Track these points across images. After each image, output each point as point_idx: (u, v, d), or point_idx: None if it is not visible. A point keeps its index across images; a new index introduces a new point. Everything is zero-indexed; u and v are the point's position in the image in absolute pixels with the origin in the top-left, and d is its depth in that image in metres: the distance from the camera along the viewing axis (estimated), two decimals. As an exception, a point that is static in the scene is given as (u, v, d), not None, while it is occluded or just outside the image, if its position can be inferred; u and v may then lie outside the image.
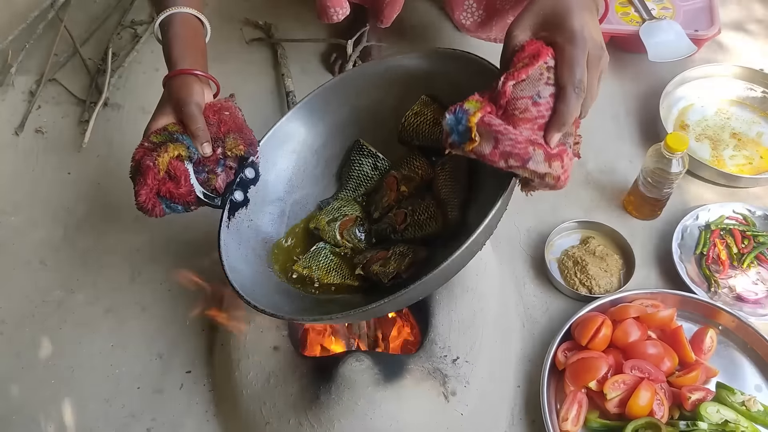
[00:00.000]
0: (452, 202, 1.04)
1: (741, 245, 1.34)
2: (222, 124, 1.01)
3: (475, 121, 0.77)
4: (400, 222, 1.06)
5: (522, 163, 0.76)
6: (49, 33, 1.82)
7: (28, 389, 1.25)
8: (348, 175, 1.15)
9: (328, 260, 1.07)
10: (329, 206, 1.14)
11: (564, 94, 0.76)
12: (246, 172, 1.07)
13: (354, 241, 1.10)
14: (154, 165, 0.93)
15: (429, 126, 1.09)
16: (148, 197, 0.94)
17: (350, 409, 1.04)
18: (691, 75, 1.61)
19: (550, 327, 1.27)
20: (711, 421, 1.10)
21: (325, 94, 1.15)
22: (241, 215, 1.07)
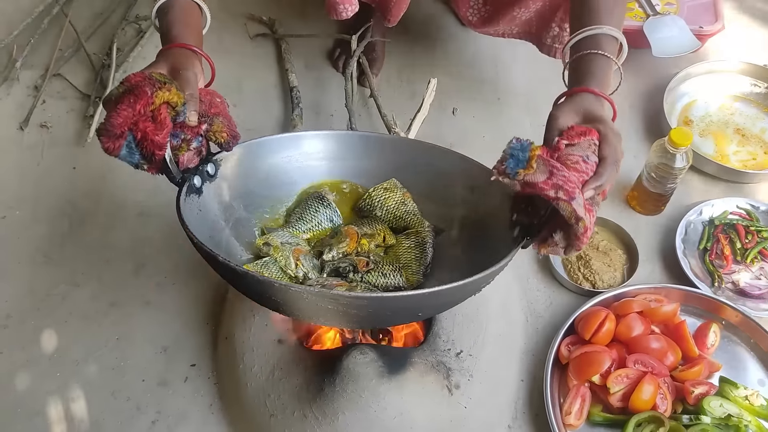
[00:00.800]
0: (413, 268, 1.07)
1: (744, 240, 1.34)
2: (213, 106, 0.97)
3: (536, 152, 0.86)
4: (363, 266, 1.05)
5: (569, 198, 0.82)
6: (54, 28, 1.83)
7: (33, 382, 1.25)
8: (300, 217, 1.12)
9: (278, 275, 1.03)
10: (277, 230, 1.10)
11: (606, 163, 0.88)
12: (208, 166, 1.02)
13: (306, 268, 1.05)
14: (151, 95, 0.85)
15: (396, 203, 1.13)
16: (126, 122, 0.84)
17: (354, 402, 1.05)
18: (695, 71, 1.62)
19: (553, 321, 1.28)
20: (714, 415, 1.10)
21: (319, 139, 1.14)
22: (192, 200, 0.99)
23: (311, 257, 1.08)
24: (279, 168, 1.13)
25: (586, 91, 0.94)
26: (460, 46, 1.77)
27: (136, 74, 0.88)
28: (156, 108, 0.86)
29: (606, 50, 0.98)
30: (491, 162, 0.91)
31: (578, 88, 0.95)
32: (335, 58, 1.73)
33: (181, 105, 0.89)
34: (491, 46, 1.75)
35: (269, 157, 1.12)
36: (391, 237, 1.12)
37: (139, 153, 0.88)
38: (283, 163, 1.13)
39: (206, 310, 1.32)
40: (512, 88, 1.68)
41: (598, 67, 0.97)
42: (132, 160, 0.89)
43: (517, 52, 1.73)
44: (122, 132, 0.84)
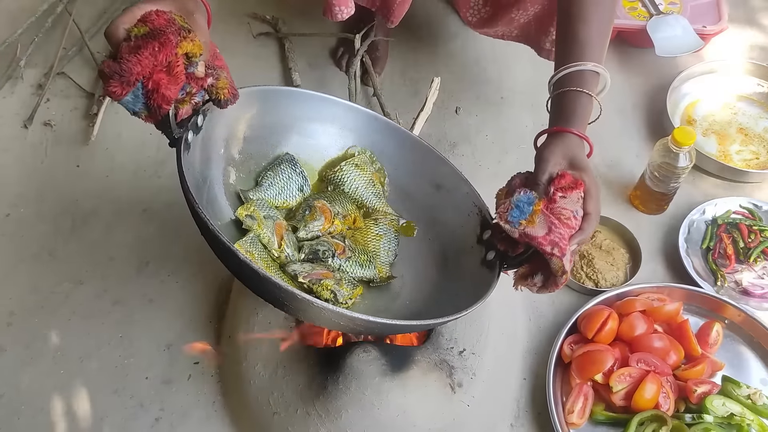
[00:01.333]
0: (381, 258, 1.07)
1: (747, 240, 1.34)
2: (216, 57, 0.91)
3: (540, 207, 0.92)
4: (341, 251, 1.03)
5: (561, 255, 0.89)
6: (58, 27, 1.83)
7: (37, 380, 1.26)
8: (272, 181, 1.08)
9: (264, 255, 0.99)
10: (257, 201, 1.05)
11: (590, 219, 0.94)
12: (198, 118, 0.92)
13: (289, 250, 1.02)
14: (176, 44, 0.79)
15: (365, 183, 1.11)
16: (144, 70, 0.77)
17: (357, 400, 1.05)
18: (698, 70, 1.62)
19: (556, 320, 1.28)
20: (717, 414, 1.10)
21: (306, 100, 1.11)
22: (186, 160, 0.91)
23: (291, 235, 1.04)
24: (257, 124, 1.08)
25: (571, 132, 0.99)
26: (463, 46, 1.77)
27: (158, 14, 0.80)
28: (175, 58, 0.80)
29: (589, 87, 1.02)
30: (490, 162, 0.92)
31: (564, 128, 1.00)
32: (338, 57, 1.73)
33: (198, 56, 0.83)
34: (494, 45, 1.75)
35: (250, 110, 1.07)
36: (361, 222, 1.11)
37: (143, 102, 0.82)
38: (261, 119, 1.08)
39: (209, 308, 1.32)
40: (515, 88, 1.69)
41: (581, 105, 1.02)
42: (133, 108, 0.82)
43: (519, 52, 1.72)
44: (136, 80, 0.78)
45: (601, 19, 1.06)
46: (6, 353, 1.29)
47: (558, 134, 1.00)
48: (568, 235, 0.91)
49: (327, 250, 1.03)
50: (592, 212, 0.94)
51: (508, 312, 1.24)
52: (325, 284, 0.96)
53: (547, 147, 0.99)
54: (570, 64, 1.03)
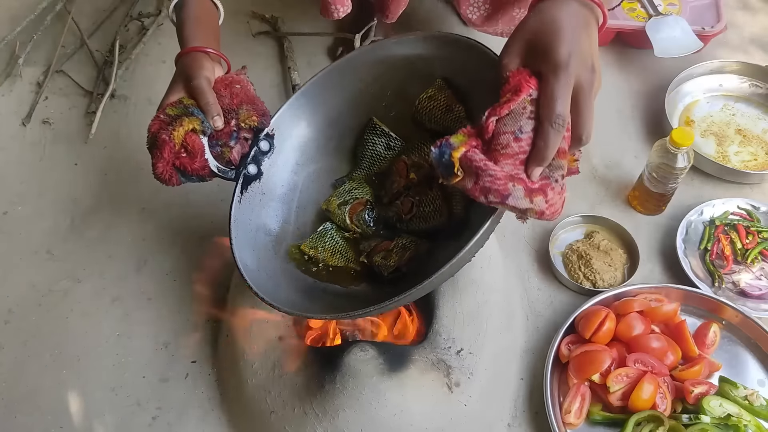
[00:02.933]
0: (457, 197, 1.05)
1: (745, 241, 1.35)
2: (234, 96, 1.02)
3: (457, 156, 0.78)
4: (407, 212, 1.07)
5: (501, 200, 0.76)
6: (57, 24, 1.83)
7: (34, 378, 1.26)
8: (362, 155, 1.16)
9: (333, 242, 1.09)
10: (341, 188, 1.15)
11: (542, 129, 0.75)
12: (261, 144, 1.08)
13: (363, 226, 1.11)
14: (170, 139, 0.94)
15: (441, 112, 1.09)
16: (165, 169, 0.96)
17: (355, 399, 1.05)
18: (696, 71, 1.62)
19: (553, 320, 1.28)
20: (714, 414, 1.10)
21: (338, 71, 1.13)
22: (254, 189, 1.08)
23: (367, 210, 1.12)
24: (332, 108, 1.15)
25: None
26: (463, 45, 1.77)
27: (153, 121, 0.98)
28: (183, 141, 0.96)
29: None
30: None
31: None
32: (338, 57, 1.73)
33: (201, 123, 0.97)
34: (493, 44, 1.74)
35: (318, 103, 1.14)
36: None
37: (193, 176, 0.99)
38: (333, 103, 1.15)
39: (208, 306, 1.32)
40: (514, 88, 1.68)
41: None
42: (193, 181, 1.01)
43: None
44: (170, 175, 0.97)
45: None
46: (4, 351, 1.29)
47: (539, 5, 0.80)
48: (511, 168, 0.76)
49: (393, 215, 1.09)
50: (543, 120, 0.75)
51: (505, 312, 1.24)
52: (375, 260, 1.05)
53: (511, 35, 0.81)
54: None
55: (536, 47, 0.77)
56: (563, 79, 0.74)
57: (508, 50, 0.80)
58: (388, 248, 1.05)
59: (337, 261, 1.09)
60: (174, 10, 1.10)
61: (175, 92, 1.01)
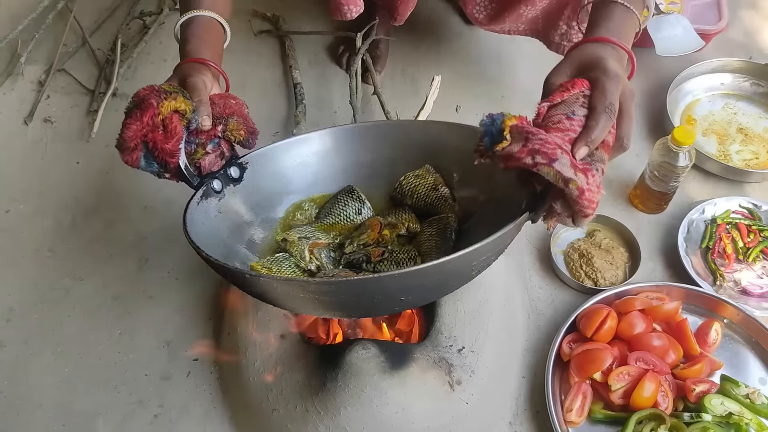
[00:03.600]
0: (433, 256, 1.04)
1: (747, 239, 1.35)
2: (227, 107, 1.00)
3: (509, 123, 0.80)
4: (377, 256, 1.03)
5: (548, 161, 0.76)
6: (59, 23, 1.83)
7: (36, 376, 1.26)
8: (329, 211, 1.13)
9: (289, 269, 1.03)
10: (297, 226, 1.11)
11: (595, 112, 0.80)
12: (231, 169, 1.05)
13: (321, 260, 1.06)
14: (157, 105, 0.88)
15: (427, 190, 1.11)
16: (136, 135, 0.88)
17: (356, 397, 1.05)
18: (698, 70, 1.62)
19: (555, 319, 1.28)
20: (715, 413, 1.10)
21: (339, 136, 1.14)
22: (211, 203, 1.03)
23: (329, 250, 1.08)
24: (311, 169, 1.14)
25: (593, 40, 0.87)
26: (464, 44, 1.77)
27: (144, 88, 0.91)
28: (166, 117, 0.89)
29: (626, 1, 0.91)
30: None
31: (580, 40, 0.89)
32: (339, 55, 1.73)
33: (191, 112, 0.92)
34: (495, 43, 1.75)
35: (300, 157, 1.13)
36: (416, 225, 1.10)
37: (156, 162, 0.92)
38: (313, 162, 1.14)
39: (209, 304, 1.32)
40: (516, 86, 1.69)
41: (612, 15, 0.90)
42: (152, 170, 0.93)
43: (521, 50, 1.73)
44: (135, 144, 0.88)
45: None
46: (5, 349, 1.29)
47: (579, 46, 0.88)
48: (561, 140, 0.78)
49: (361, 257, 1.04)
50: (597, 104, 0.81)
51: (507, 310, 1.24)
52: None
53: (554, 68, 0.88)
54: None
55: (586, 65, 0.85)
56: (615, 80, 0.82)
57: (557, 72, 0.87)
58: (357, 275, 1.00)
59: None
60: (180, 27, 1.08)
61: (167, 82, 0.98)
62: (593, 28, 0.91)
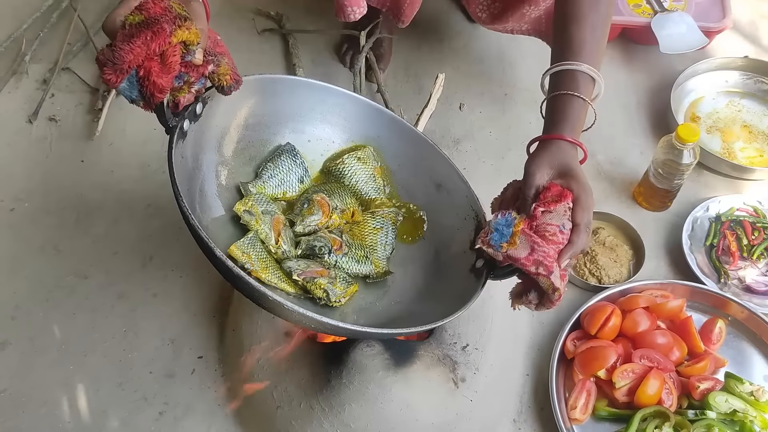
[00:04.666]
0: (378, 253, 1.06)
1: (751, 237, 1.34)
2: (217, 44, 0.91)
3: (520, 228, 0.91)
4: (337, 247, 1.03)
5: (547, 273, 0.88)
6: (63, 22, 1.83)
7: (41, 373, 1.26)
8: (272, 173, 1.08)
9: (264, 255, 0.98)
10: (254, 195, 1.04)
11: (579, 230, 0.91)
12: (197, 106, 0.94)
13: (286, 245, 1.02)
14: (170, 33, 0.78)
15: (366, 177, 1.11)
16: (137, 59, 0.78)
17: (361, 393, 1.05)
18: (702, 67, 1.61)
19: (559, 316, 1.28)
20: (719, 410, 1.10)
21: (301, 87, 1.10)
22: (179, 147, 0.93)
23: (289, 230, 1.04)
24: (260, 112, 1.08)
25: (562, 139, 0.98)
26: (468, 42, 1.77)
27: (155, 2, 0.80)
28: (169, 47, 0.80)
29: (582, 91, 1.00)
30: (493, 158, 0.91)
31: (553, 135, 0.99)
32: (343, 54, 1.73)
33: (195, 45, 0.83)
34: (498, 42, 1.75)
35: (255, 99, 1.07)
36: (359, 215, 1.10)
37: (138, 90, 0.82)
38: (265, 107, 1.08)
39: (213, 302, 1.32)
40: (519, 84, 1.69)
41: (573, 110, 1.00)
42: (129, 95, 0.83)
43: (524, 49, 1.73)
44: (129, 68, 0.78)
45: (595, 22, 1.04)
46: (10, 347, 1.30)
47: (549, 142, 0.99)
48: (554, 252, 0.89)
49: (324, 246, 1.02)
50: (581, 223, 0.92)
51: (510, 308, 1.23)
52: (319, 283, 0.97)
53: (534, 159, 0.98)
54: (563, 61, 1.02)
55: (563, 170, 0.96)
56: (590, 196, 0.94)
57: (538, 166, 0.97)
58: (328, 275, 0.99)
59: (269, 277, 0.96)
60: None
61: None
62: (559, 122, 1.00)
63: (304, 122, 1.13)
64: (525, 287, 0.95)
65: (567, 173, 0.96)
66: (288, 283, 0.97)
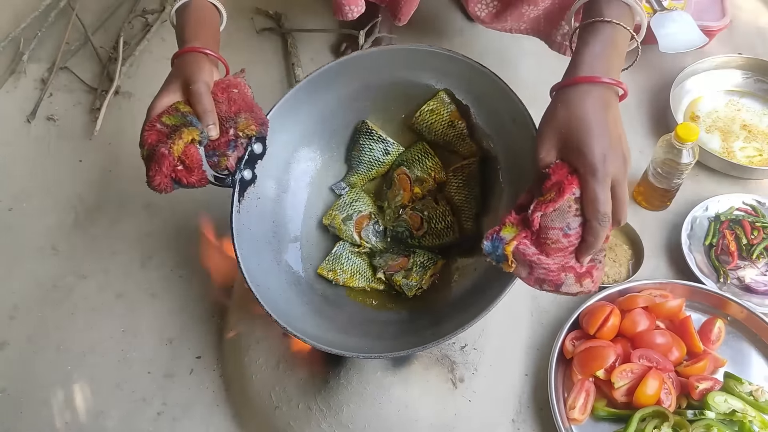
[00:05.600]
0: (467, 212, 1.08)
1: (750, 236, 1.34)
2: (232, 102, 0.99)
3: (510, 249, 0.83)
4: (417, 227, 1.08)
5: (555, 288, 0.83)
6: (61, 21, 1.83)
7: (39, 373, 1.26)
8: (359, 159, 1.16)
9: (350, 263, 1.10)
10: (340, 200, 1.15)
11: (591, 226, 0.81)
12: (254, 146, 1.05)
13: (371, 241, 1.13)
14: (170, 153, 0.90)
15: (443, 127, 1.11)
16: (162, 182, 0.92)
17: (359, 394, 1.05)
18: (701, 66, 1.61)
19: (558, 316, 1.28)
20: (718, 410, 1.10)
21: (338, 68, 1.11)
22: (250, 194, 1.06)
23: (372, 224, 1.13)
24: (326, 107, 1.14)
25: (574, 82, 0.83)
26: (467, 42, 1.77)
27: (149, 130, 0.93)
28: (182, 154, 0.92)
29: (611, 16, 0.86)
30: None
31: (565, 80, 0.85)
32: (341, 53, 1.73)
33: (199, 134, 0.93)
34: (497, 41, 1.74)
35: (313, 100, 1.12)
36: (441, 174, 1.12)
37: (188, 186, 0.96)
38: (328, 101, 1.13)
39: (212, 302, 1.32)
40: (518, 83, 1.66)
41: (596, 40, 0.85)
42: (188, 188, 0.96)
43: (523, 48, 1.73)
44: (166, 185, 0.93)
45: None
46: (9, 347, 1.30)
47: (560, 91, 0.85)
48: (562, 261, 0.82)
49: (404, 230, 1.11)
50: (591, 217, 0.80)
51: (510, 308, 1.24)
52: (395, 279, 1.08)
53: (541, 125, 0.86)
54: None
55: (570, 143, 0.81)
56: (602, 181, 0.79)
57: (543, 143, 0.84)
58: (406, 266, 1.07)
59: (357, 282, 1.10)
60: (175, 12, 1.07)
61: (171, 92, 0.97)
62: (578, 60, 0.86)
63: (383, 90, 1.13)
64: None
65: (574, 145, 0.81)
66: (375, 281, 1.11)
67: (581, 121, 0.81)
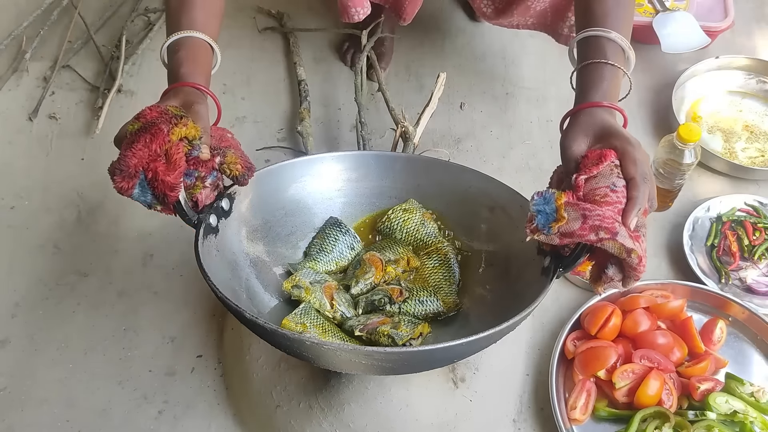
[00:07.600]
0: (445, 289, 1.07)
1: (752, 237, 1.34)
2: (223, 139, 0.96)
3: (562, 200, 0.84)
4: (397, 295, 1.04)
5: (612, 236, 0.80)
6: (64, 19, 1.83)
7: (41, 371, 1.26)
8: (321, 249, 1.11)
9: (320, 320, 1.01)
10: (302, 270, 1.08)
11: (635, 183, 0.85)
12: (222, 202, 0.99)
13: (342, 308, 1.04)
14: (168, 133, 0.81)
15: (416, 225, 1.13)
16: (141, 162, 0.81)
17: (360, 393, 1.05)
18: (704, 67, 1.61)
19: (559, 316, 1.28)
20: (720, 411, 1.10)
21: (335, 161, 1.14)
22: (210, 241, 0.98)
23: (343, 293, 1.07)
24: (294, 198, 1.12)
25: (592, 105, 0.93)
26: (469, 41, 1.77)
27: (151, 108, 0.85)
28: (171, 146, 0.82)
29: (611, 58, 0.96)
30: (495, 157, 0.91)
31: (583, 104, 0.94)
32: (344, 52, 1.73)
33: (198, 139, 0.86)
34: (500, 40, 1.75)
35: (282, 187, 1.11)
36: (415, 260, 1.12)
37: (151, 194, 0.84)
38: (297, 192, 1.12)
39: (213, 301, 1.32)
40: (521, 83, 1.68)
41: (603, 77, 0.95)
42: (145, 200, 0.85)
43: (526, 47, 1.73)
44: (135, 172, 0.81)
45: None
46: (10, 344, 1.30)
47: (580, 112, 0.93)
48: (612, 213, 0.81)
49: (382, 297, 1.04)
50: (634, 175, 0.85)
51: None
52: (381, 330, 0.98)
53: (567, 132, 0.93)
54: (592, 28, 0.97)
55: (602, 134, 0.90)
56: (639, 148, 0.89)
57: (573, 138, 0.92)
58: (392, 321, 1.00)
59: (330, 338, 0.99)
60: (167, 48, 1.01)
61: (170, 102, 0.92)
62: (589, 91, 0.95)
63: (341, 195, 1.16)
64: (599, 266, 0.87)
65: (605, 135, 0.90)
66: (352, 342, 0.99)
67: (605, 121, 0.92)
